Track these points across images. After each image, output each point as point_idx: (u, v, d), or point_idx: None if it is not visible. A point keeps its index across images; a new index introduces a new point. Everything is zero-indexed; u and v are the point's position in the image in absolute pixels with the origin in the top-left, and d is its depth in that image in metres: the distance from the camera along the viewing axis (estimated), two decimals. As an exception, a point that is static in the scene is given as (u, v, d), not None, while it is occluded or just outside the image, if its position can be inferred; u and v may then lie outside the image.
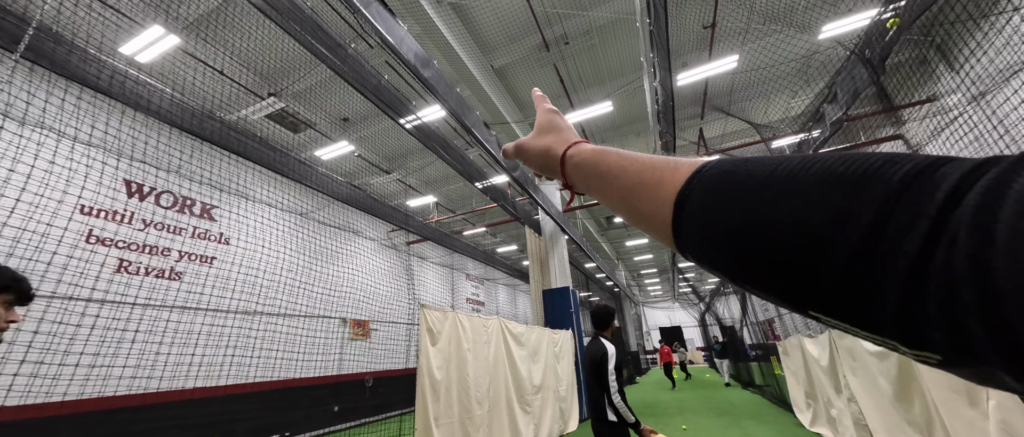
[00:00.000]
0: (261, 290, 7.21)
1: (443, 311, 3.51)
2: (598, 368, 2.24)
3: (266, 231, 7.87)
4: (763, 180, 0.22)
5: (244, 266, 7.20)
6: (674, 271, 16.70)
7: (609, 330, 2.42)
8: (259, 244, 7.58)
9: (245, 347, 6.89)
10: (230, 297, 6.92)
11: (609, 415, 2.21)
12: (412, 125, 5.44)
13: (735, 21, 6.06)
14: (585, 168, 0.38)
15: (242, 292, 6.94)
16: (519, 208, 9.01)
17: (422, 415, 2.96)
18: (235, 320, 6.97)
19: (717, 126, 9.19)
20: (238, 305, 6.98)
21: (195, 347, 6.25)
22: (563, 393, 6.68)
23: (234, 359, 6.58)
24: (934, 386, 2.19)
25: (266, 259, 7.48)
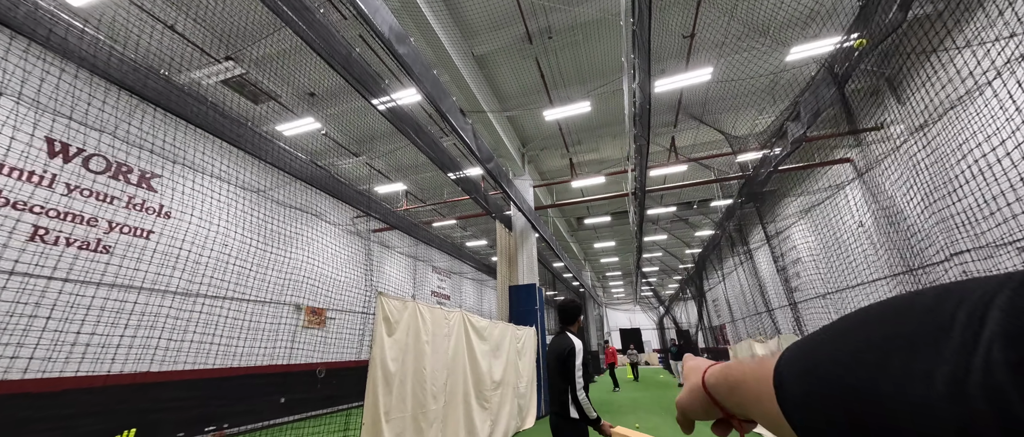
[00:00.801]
0: (206, 270, 6.65)
1: (402, 301, 3.34)
2: (564, 363, 2.19)
3: (215, 207, 7.27)
4: (846, 361, 0.23)
5: (188, 243, 6.60)
6: (637, 275, 17.24)
7: (575, 325, 2.38)
8: (206, 220, 6.98)
9: (183, 331, 6.34)
10: (169, 276, 6.33)
11: (571, 411, 2.16)
12: (385, 106, 5.16)
13: (714, 33, 6.23)
14: (720, 389, 0.41)
15: (183, 271, 6.36)
16: (491, 202, 8.88)
17: (372, 409, 2.78)
18: (173, 301, 6.39)
19: (688, 136, 9.48)
20: (177, 285, 6.39)
21: (125, 328, 5.66)
22: (523, 389, 6.65)
23: (169, 343, 6.03)
24: None
25: (213, 237, 6.91)
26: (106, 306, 5.43)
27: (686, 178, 10.72)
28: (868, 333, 0.23)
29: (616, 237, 17.73)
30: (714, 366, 0.45)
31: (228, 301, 7.16)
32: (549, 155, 11.01)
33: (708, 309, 12.23)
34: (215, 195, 7.28)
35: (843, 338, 0.24)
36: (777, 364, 0.29)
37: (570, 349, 2.20)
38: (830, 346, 0.25)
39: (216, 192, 7.31)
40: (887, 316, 0.23)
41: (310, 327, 9.58)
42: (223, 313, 6.97)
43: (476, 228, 16.18)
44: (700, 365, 0.48)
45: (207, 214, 7.11)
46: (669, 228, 14.57)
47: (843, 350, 0.23)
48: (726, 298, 11.77)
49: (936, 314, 0.20)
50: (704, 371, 0.45)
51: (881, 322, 0.23)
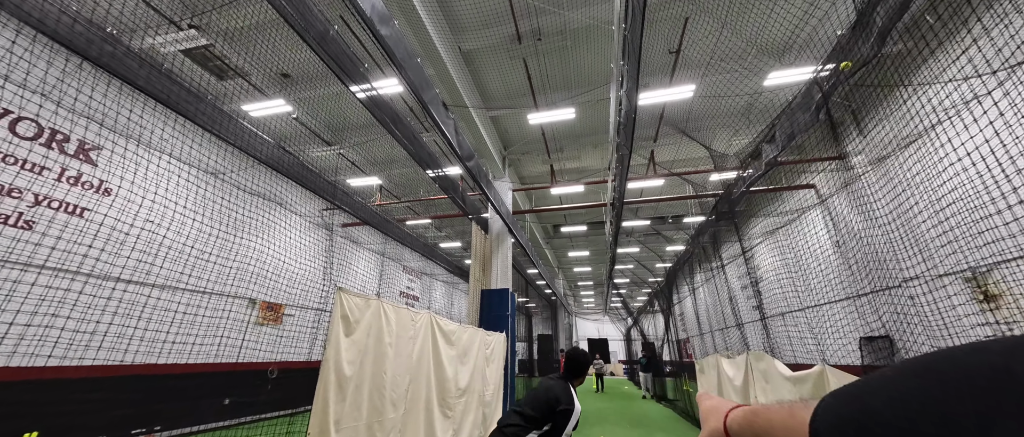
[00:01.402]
0: (148, 256, 6.02)
1: (365, 298, 3.06)
2: (553, 413, 1.99)
3: (166, 187, 6.64)
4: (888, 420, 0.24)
5: (130, 224, 5.95)
6: (608, 285, 17.40)
7: (580, 381, 2.21)
8: (154, 202, 6.35)
9: (115, 322, 5.67)
10: (103, 259, 5.66)
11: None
12: (364, 94, 4.87)
13: (698, 52, 6.35)
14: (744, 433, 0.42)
15: (118, 255, 5.71)
16: (469, 203, 8.65)
17: (320, 415, 2.49)
18: (104, 289, 5.72)
19: (668, 151, 9.66)
20: (111, 270, 5.73)
21: (33, 316, 4.97)
22: (488, 398, 6.41)
23: (99, 337, 5.36)
24: None
25: (161, 220, 6.29)
26: (16, 289, 4.76)
27: (663, 193, 10.92)
28: (926, 396, 0.22)
29: (591, 247, 17.87)
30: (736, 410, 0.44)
31: (171, 290, 6.53)
32: (530, 160, 10.93)
33: (674, 323, 12.46)
34: (167, 175, 6.65)
35: (898, 400, 0.24)
36: (814, 419, 0.30)
37: (569, 409, 2.01)
38: (882, 404, 0.24)
39: (168, 170, 6.68)
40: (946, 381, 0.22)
41: (265, 323, 8.92)
42: (163, 304, 6.33)
43: (451, 229, 15.84)
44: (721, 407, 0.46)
45: (156, 195, 6.47)
46: (643, 241, 14.82)
47: (898, 413, 0.23)
48: (694, 312, 12.03)
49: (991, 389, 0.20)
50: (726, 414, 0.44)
51: (943, 388, 0.22)
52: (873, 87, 5.18)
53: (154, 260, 6.24)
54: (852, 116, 7.46)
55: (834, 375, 2.50)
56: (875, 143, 6.82)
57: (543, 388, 2.12)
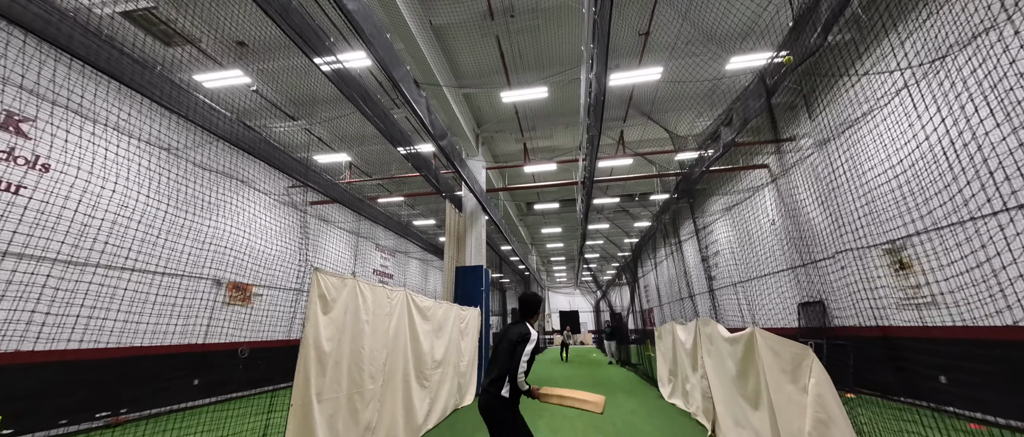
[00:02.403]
0: (97, 236, 5.69)
1: (341, 277, 3.15)
2: (516, 346, 2.26)
3: (112, 163, 6.19)
4: None
5: (74, 202, 5.57)
6: (580, 260, 18.07)
7: (535, 318, 2.49)
8: (100, 178, 5.93)
9: (69, 304, 5.40)
10: (46, 239, 5.31)
11: (503, 390, 2.25)
12: (329, 67, 4.69)
13: (666, 35, 6.53)
14: None
15: (65, 234, 5.38)
16: (442, 181, 8.64)
17: (302, 390, 2.63)
18: (52, 269, 5.41)
19: (636, 132, 9.97)
20: (59, 251, 5.40)
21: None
22: (463, 368, 6.74)
23: (47, 318, 5.11)
24: (768, 367, 2.70)
25: (109, 198, 5.91)
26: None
27: (631, 172, 11.33)
28: None
29: (563, 223, 18.35)
30: None
31: (128, 272, 6.24)
32: (503, 138, 10.94)
33: (640, 295, 13.26)
34: (113, 149, 6.19)
35: None
36: None
37: (525, 336, 2.28)
38: None
39: (114, 146, 6.22)
40: None
41: (234, 304, 8.72)
42: (121, 285, 6.06)
43: (425, 207, 15.73)
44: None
45: (101, 170, 6.04)
46: (612, 218, 15.40)
47: None
48: (656, 285, 12.83)
49: None
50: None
51: None
52: (818, 76, 5.59)
53: (105, 241, 5.92)
54: (804, 100, 8.00)
55: (763, 337, 2.91)
56: (820, 126, 7.40)
57: (506, 339, 2.38)
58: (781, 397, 2.50)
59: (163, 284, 6.88)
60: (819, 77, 6.01)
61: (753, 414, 3.17)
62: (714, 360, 4.23)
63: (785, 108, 8.43)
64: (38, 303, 5.11)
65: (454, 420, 5.53)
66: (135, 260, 6.32)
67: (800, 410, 2.29)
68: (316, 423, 2.66)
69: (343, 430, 3.02)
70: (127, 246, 6.10)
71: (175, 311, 7.17)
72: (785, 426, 2.45)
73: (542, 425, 5.04)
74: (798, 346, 2.41)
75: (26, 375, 5.14)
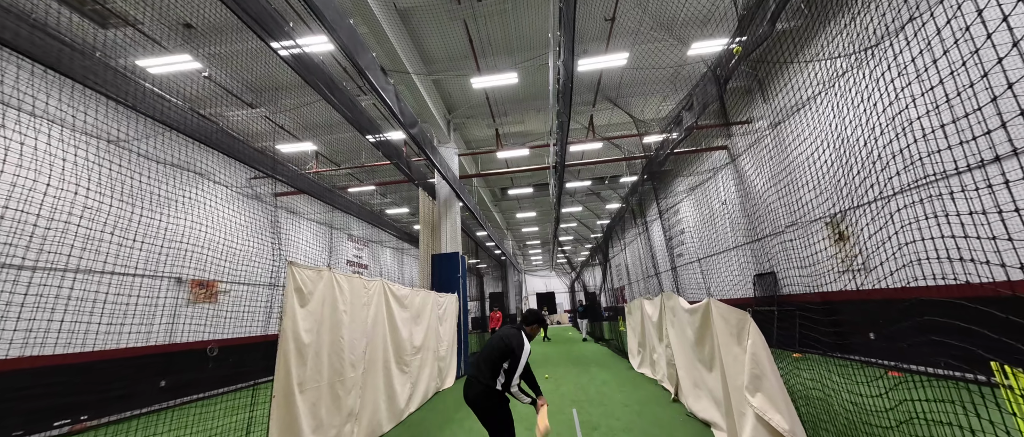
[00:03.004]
0: (34, 237, 5.29)
1: (317, 270, 3.17)
2: (511, 352, 2.40)
3: (49, 158, 5.70)
4: None
5: (4, 200, 5.13)
6: (554, 243, 18.48)
7: (532, 328, 2.62)
8: (33, 174, 5.46)
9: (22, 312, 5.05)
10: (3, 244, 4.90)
11: (497, 384, 2.39)
12: (288, 53, 4.50)
13: (631, 20, 6.68)
14: None
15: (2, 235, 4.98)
16: (414, 168, 8.55)
17: (283, 381, 2.67)
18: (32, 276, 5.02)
19: (605, 116, 10.20)
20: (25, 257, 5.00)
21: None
22: (443, 353, 6.89)
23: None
24: (720, 332, 3.01)
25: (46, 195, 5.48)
26: None
27: (601, 156, 11.62)
28: None
29: (537, 208, 18.61)
30: None
31: (73, 273, 5.87)
32: (475, 124, 10.89)
33: (611, 274, 13.83)
34: (52, 142, 5.70)
35: None
36: None
37: (521, 345, 2.42)
38: None
39: (52, 138, 5.73)
40: None
41: (198, 302, 8.38)
42: (70, 288, 5.71)
43: (397, 195, 15.47)
44: None
45: (37, 165, 5.57)
46: (584, 201, 15.79)
47: None
48: (626, 264, 13.41)
49: None
50: None
51: None
52: (771, 63, 5.95)
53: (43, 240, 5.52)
54: (759, 84, 8.47)
55: (716, 307, 3.21)
56: (772, 109, 7.89)
57: (498, 337, 2.54)
58: (729, 357, 2.82)
59: (114, 283, 6.51)
60: (772, 64, 6.40)
61: (708, 375, 3.52)
62: (676, 330, 4.60)
63: (742, 92, 8.88)
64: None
65: (436, 402, 5.70)
66: (78, 259, 5.94)
67: (742, 367, 2.60)
68: (299, 412, 2.73)
69: (326, 417, 3.10)
70: (69, 244, 5.72)
71: (132, 312, 6.82)
72: (732, 382, 2.77)
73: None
74: (740, 313, 2.72)
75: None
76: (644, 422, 4.05)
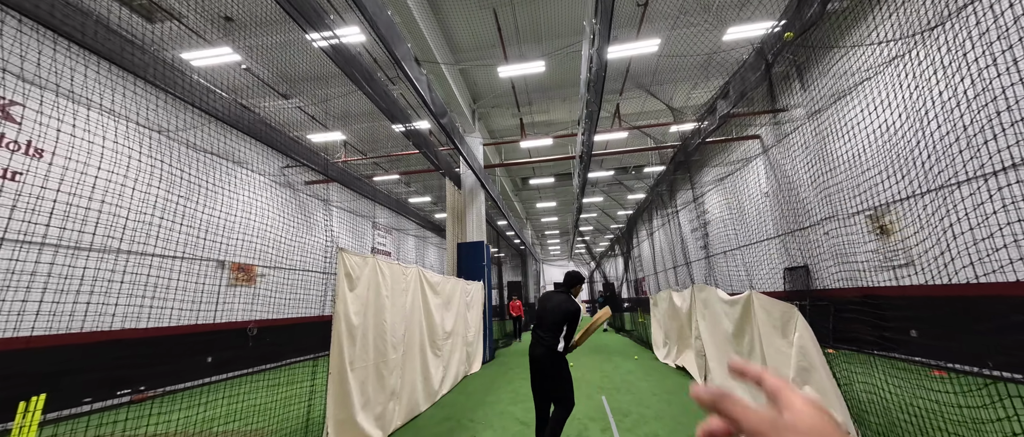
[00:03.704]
0: (98, 221, 5.70)
1: (363, 257, 3.31)
2: (572, 316, 2.70)
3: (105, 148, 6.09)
4: None
5: (72, 188, 5.53)
6: (574, 232, 18.43)
7: (575, 290, 2.87)
8: (94, 163, 5.85)
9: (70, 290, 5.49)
10: (46, 226, 5.31)
11: (559, 347, 2.67)
12: (327, 44, 4.62)
13: (664, 5, 6.48)
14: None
15: (64, 219, 5.39)
16: (440, 158, 8.66)
17: (337, 359, 2.84)
18: (54, 256, 5.45)
19: (633, 104, 10.00)
20: (61, 236, 5.42)
21: None
22: (470, 338, 7.07)
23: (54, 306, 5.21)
24: (762, 324, 2.99)
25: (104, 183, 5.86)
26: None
27: (627, 145, 11.43)
28: None
29: (558, 198, 18.54)
30: None
31: (127, 255, 6.30)
32: (500, 113, 10.88)
33: (633, 264, 13.71)
34: (106, 133, 6.07)
35: None
36: None
37: (577, 310, 2.72)
38: None
39: (106, 129, 6.10)
40: None
41: (238, 284, 8.86)
42: (123, 269, 6.14)
43: (419, 184, 15.72)
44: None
45: (96, 155, 5.96)
46: (607, 191, 15.62)
47: None
48: (652, 254, 13.27)
49: None
50: None
51: None
52: (813, 47, 5.68)
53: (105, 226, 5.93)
54: (796, 71, 8.09)
55: (758, 299, 3.18)
56: (812, 97, 7.54)
57: (554, 303, 2.77)
58: (772, 350, 2.81)
59: (163, 267, 6.95)
60: (813, 48, 6.10)
61: (745, 368, 3.50)
62: (709, 322, 4.57)
63: (779, 78, 8.52)
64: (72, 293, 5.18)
65: (466, 385, 5.89)
66: (129, 244, 6.36)
67: (787, 360, 2.58)
68: (351, 388, 2.90)
69: (373, 394, 3.28)
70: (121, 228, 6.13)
71: (183, 293, 7.28)
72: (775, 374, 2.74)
73: (549, 386, 5.42)
74: (786, 306, 2.69)
75: (39, 357, 5.29)
76: (673, 410, 4.08)
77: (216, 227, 7.96)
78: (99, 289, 5.74)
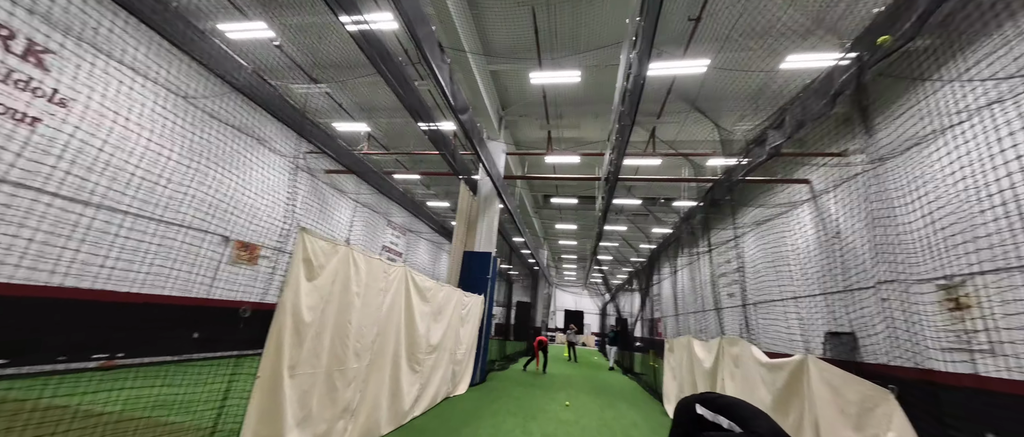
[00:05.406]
0: (104, 178, 5.58)
1: (332, 243, 2.84)
2: None
3: (127, 105, 6.07)
4: None
5: (88, 141, 5.47)
6: (592, 260, 17.55)
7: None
8: (115, 120, 5.82)
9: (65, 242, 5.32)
10: (52, 175, 5.22)
11: None
12: (356, 26, 4.37)
13: (718, 24, 5.93)
14: None
15: (69, 173, 5.28)
16: (459, 161, 8.29)
17: (272, 360, 2.32)
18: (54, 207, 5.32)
19: (670, 130, 9.36)
20: (60, 187, 5.31)
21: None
22: (460, 356, 6.44)
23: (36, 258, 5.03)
24: (821, 405, 2.26)
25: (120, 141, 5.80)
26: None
27: (659, 174, 10.72)
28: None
29: (579, 221, 17.83)
30: None
31: (129, 216, 6.15)
32: (527, 123, 10.49)
33: (650, 302, 12.71)
34: (129, 90, 6.06)
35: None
36: None
37: None
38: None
39: (129, 86, 6.08)
40: None
41: (239, 262, 8.66)
42: (123, 230, 5.97)
43: (439, 188, 15.48)
44: None
45: (117, 112, 5.93)
46: (632, 220, 14.79)
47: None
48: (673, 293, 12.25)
49: None
50: None
51: None
52: (894, 77, 4.93)
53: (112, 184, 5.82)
54: (861, 113, 7.24)
55: (818, 368, 2.45)
56: (879, 143, 6.66)
57: None
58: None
59: (167, 234, 6.79)
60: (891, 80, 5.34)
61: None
62: (739, 384, 3.77)
63: (840, 120, 7.68)
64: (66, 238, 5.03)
65: (444, 408, 5.23)
66: (140, 206, 6.23)
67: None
68: (285, 398, 2.36)
69: (318, 409, 2.73)
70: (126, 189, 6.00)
71: (180, 264, 7.09)
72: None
73: (535, 429, 4.69)
74: (872, 387, 1.96)
75: (25, 308, 5.10)
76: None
77: (229, 202, 7.83)
78: (93, 244, 5.58)
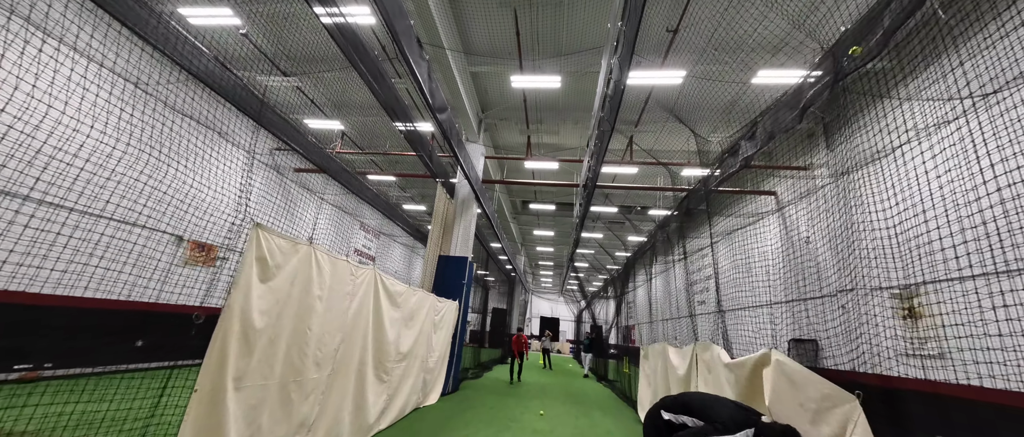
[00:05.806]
0: (31, 165, 5.02)
1: (292, 241, 2.60)
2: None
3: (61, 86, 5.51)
4: None
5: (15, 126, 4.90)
6: (568, 267, 17.62)
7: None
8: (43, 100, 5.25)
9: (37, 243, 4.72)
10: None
11: None
12: (331, 19, 4.15)
13: (695, 36, 6.08)
14: None
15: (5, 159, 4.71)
16: (436, 163, 8.08)
17: (214, 371, 2.06)
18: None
19: (648, 139, 9.53)
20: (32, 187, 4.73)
21: None
22: (432, 364, 6.19)
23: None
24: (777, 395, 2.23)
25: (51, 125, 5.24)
26: None
27: (636, 182, 10.89)
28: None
29: (556, 227, 17.89)
30: None
31: (60, 209, 5.56)
32: (507, 128, 10.42)
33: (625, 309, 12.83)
34: (65, 71, 5.50)
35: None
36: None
37: None
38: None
39: (66, 67, 5.54)
40: None
41: (194, 264, 8.04)
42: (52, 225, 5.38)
43: (416, 191, 15.12)
44: None
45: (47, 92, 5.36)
46: (609, 227, 14.97)
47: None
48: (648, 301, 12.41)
49: None
50: None
51: None
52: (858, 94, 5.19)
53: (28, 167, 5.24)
54: (823, 129, 7.63)
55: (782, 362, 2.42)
56: (840, 158, 7.02)
57: None
58: None
59: (111, 232, 6.19)
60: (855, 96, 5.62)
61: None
62: (711, 388, 3.76)
63: (804, 135, 8.06)
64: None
65: (413, 421, 4.97)
66: (75, 201, 5.65)
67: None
68: (228, 415, 2.10)
69: (269, 425, 2.46)
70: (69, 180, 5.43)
71: (118, 263, 6.48)
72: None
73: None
74: (834, 388, 1.93)
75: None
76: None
77: (184, 199, 7.27)
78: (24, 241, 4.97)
